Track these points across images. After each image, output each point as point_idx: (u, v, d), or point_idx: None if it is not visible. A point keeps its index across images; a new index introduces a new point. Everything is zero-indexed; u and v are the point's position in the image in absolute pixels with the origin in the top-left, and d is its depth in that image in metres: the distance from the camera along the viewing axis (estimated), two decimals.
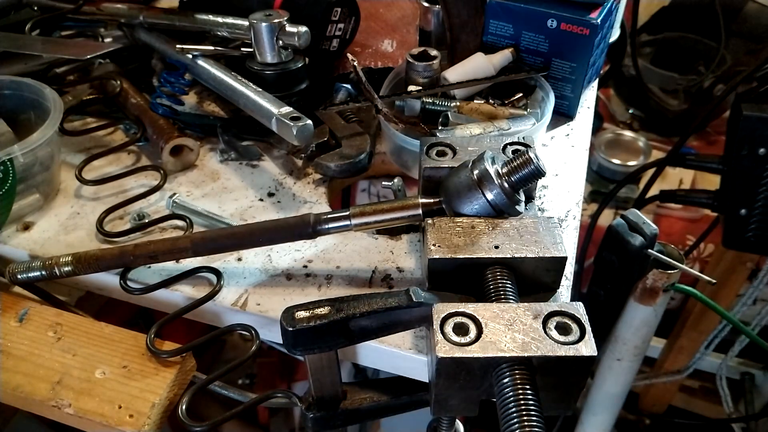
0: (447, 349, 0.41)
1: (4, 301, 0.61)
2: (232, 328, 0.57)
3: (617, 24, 1.07)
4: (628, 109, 1.74)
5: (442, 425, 0.60)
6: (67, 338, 0.57)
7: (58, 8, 0.94)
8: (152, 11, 0.88)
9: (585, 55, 0.76)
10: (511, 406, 0.38)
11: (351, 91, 0.82)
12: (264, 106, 0.69)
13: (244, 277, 0.62)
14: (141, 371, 0.55)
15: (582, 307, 0.44)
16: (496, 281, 0.49)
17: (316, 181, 0.75)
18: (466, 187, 0.53)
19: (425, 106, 0.75)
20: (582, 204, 0.71)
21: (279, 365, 1.45)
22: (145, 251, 0.58)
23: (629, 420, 1.60)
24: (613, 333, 0.96)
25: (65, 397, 0.53)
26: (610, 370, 1.00)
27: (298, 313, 0.45)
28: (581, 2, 0.75)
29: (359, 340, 0.47)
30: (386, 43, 0.93)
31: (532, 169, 0.51)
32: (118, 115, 0.83)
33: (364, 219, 0.56)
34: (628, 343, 0.92)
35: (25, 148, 0.64)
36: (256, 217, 0.70)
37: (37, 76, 0.78)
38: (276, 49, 0.75)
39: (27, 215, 0.69)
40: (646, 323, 0.90)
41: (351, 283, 0.61)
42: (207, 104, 0.88)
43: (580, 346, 0.41)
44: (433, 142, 0.59)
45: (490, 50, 0.79)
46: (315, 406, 0.53)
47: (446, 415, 0.58)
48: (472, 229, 0.52)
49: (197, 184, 0.74)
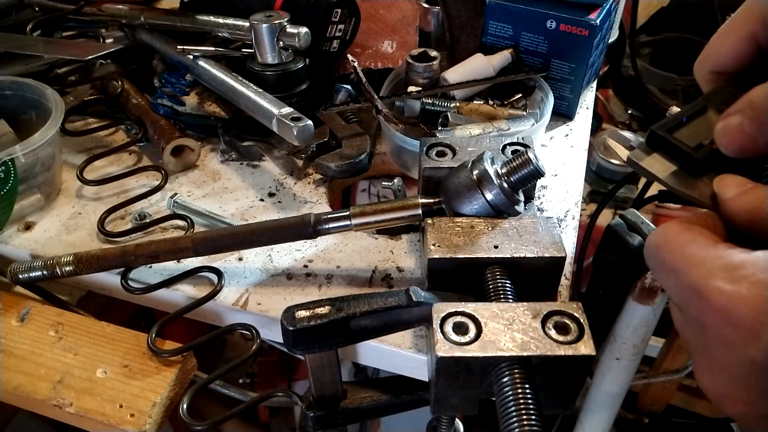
0: (446, 348, 0.41)
1: (6, 300, 0.61)
2: (232, 328, 0.58)
3: (616, 24, 1.07)
4: (627, 110, 1.74)
5: (442, 424, 0.60)
6: (68, 338, 0.58)
7: (60, 9, 0.94)
8: (153, 12, 0.89)
9: (584, 56, 0.76)
10: (511, 405, 0.39)
11: (351, 91, 0.82)
12: (264, 107, 0.69)
13: (244, 277, 0.62)
14: (142, 370, 0.55)
15: (581, 307, 0.44)
16: (495, 281, 0.49)
17: (316, 181, 0.75)
18: (466, 187, 0.53)
19: (425, 107, 0.75)
20: (581, 204, 0.71)
21: (279, 364, 1.45)
22: (147, 251, 0.59)
23: (628, 419, 1.60)
24: (612, 332, 0.96)
25: (66, 397, 0.53)
26: (609, 369, 1.00)
27: (299, 312, 0.45)
28: (580, 3, 0.75)
29: (359, 340, 0.48)
30: (386, 44, 0.94)
31: (532, 169, 0.52)
32: (120, 115, 0.83)
33: (364, 219, 0.57)
34: (626, 343, 0.92)
35: (27, 149, 0.64)
36: (256, 217, 0.70)
37: (38, 76, 0.78)
38: (276, 49, 0.75)
39: (28, 215, 0.69)
40: (645, 322, 0.90)
41: (351, 282, 0.62)
42: (208, 105, 0.88)
43: (579, 346, 0.41)
44: (433, 142, 0.60)
45: (490, 51, 0.79)
46: (315, 405, 0.53)
47: (446, 413, 0.58)
48: (472, 229, 0.52)
49: (198, 185, 0.75)
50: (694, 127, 0.42)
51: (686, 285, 0.32)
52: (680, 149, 0.42)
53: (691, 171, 0.42)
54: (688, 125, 0.43)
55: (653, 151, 0.43)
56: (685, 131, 0.42)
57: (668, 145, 0.42)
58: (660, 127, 0.43)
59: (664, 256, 0.34)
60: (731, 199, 0.35)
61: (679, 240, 0.34)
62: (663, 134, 0.42)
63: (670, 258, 0.34)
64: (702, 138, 0.42)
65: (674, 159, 0.42)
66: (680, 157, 0.42)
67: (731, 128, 0.36)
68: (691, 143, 0.42)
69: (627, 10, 1.20)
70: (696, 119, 0.43)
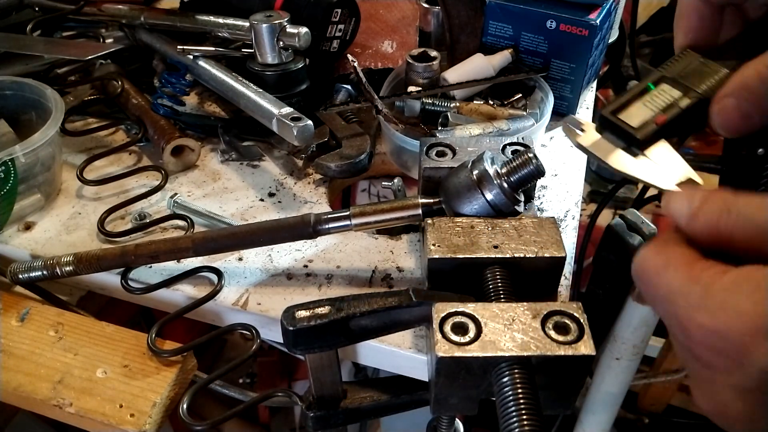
0: (446, 348, 0.41)
1: (6, 300, 0.61)
2: (232, 328, 0.58)
3: (616, 24, 1.07)
4: None
5: (442, 424, 0.60)
6: (68, 338, 0.58)
7: (60, 9, 0.94)
8: (153, 12, 0.89)
9: (584, 56, 0.76)
10: (511, 405, 0.39)
11: (351, 91, 0.82)
12: (264, 107, 0.69)
13: (244, 277, 0.62)
14: (142, 370, 0.55)
15: (581, 307, 0.44)
16: (495, 281, 0.49)
17: (316, 181, 0.75)
18: (466, 187, 0.53)
19: (425, 107, 0.75)
20: (581, 204, 0.71)
21: (279, 364, 1.45)
22: (147, 251, 0.59)
23: (628, 419, 1.60)
24: (612, 332, 0.96)
25: (66, 397, 0.53)
26: (609, 369, 1.00)
27: (299, 312, 0.45)
28: (580, 3, 0.75)
29: (359, 340, 0.48)
30: (386, 44, 0.94)
31: (532, 169, 0.52)
32: (120, 115, 0.83)
33: (364, 219, 0.57)
34: (626, 343, 0.92)
35: (27, 149, 0.64)
36: (256, 217, 0.70)
37: (38, 76, 0.78)
38: (276, 49, 0.75)
39: (28, 215, 0.69)
40: (645, 322, 0.90)
41: (351, 282, 0.62)
42: (208, 105, 0.88)
43: (579, 346, 0.41)
44: (433, 142, 0.60)
45: (490, 51, 0.79)
46: (315, 405, 0.53)
47: (446, 413, 0.58)
48: (472, 229, 0.52)
49: (198, 185, 0.75)
50: (646, 101, 0.42)
51: (668, 315, 0.32)
52: (623, 129, 0.41)
53: (634, 151, 0.41)
54: (640, 101, 0.42)
55: (602, 133, 0.43)
56: (633, 109, 0.42)
57: (614, 126, 0.42)
58: (608, 107, 0.42)
59: (643, 286, 0.34)
60: (686, 225, 0.34)
61: (654, 266, 0.33)
62: (608, 116, 0.42)
63: (650, 288, 0.33)
64: (651, 114, 0.41)
65: (620, 139, 0.42)
66: (624, 137, 0.41)
67: (728, 111, 0.36)
68: (636, 121, 0.41)
69: (627, 10, 1.20)
70: (650, 92, 0.42)
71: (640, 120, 0.41)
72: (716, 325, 0.29)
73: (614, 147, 0.42)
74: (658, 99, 0.42)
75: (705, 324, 0.29)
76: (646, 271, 0.34)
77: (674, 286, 0.32)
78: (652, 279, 0.33)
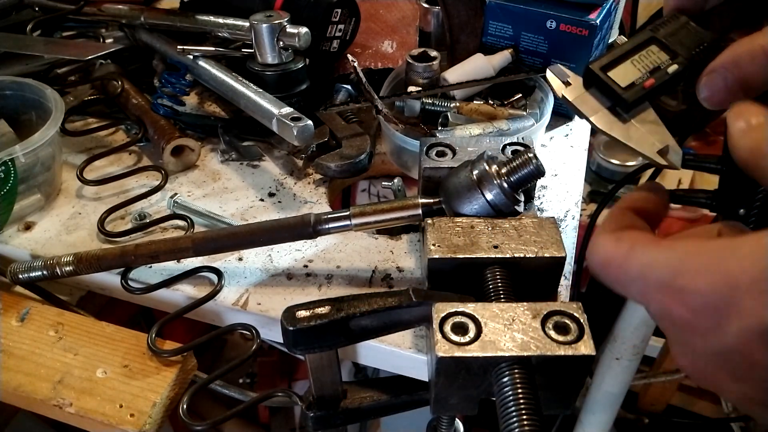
0: (446, 348, 0.41)
1: (6, 300, 0.61)
2: (232, 328, 0.58)
3: (616, 24, 1.07)
4: None
5: (442, 424, 0.60)
6: (68, 338, 0.58)
7: (60, 9, 0.94)
8: (153, 12, 0.89)
9: (584, 56, 0.76)
10: (511, 405, 0.39)
11: (351, 91, 0.82)
12: (264, 107, 0.69)
13: (244, 277, 0.62)
14: (142, 370, 0.55)
15: (581, 307, 0.44)
16: (495, 281, 0.49)
17: (316, 181, 0.75)
18: (466, 187, 0.53)
19: (425, 107, 0.75)
20: (581, 204, 0.71)
21: (279, 364, 1.45)
22: (147, 251, 0.59)
23: (628, 419, 1.60)
24: (612, 332, 0.96)
25: (66, 397, 0.53)
26: (609, 369, 1.00)
27: (299, 312, 0.45)
28: (580, 3, 0.75)
29: (359, 340, 0.48)
30: (386, 44, 0.94)
31: (532, 169, 0.52)
32: (120, 115, 0.83)
33: (364, 219, 0.57)
34: (626, 343, 0.92)
35: (27, 149, 0.64)
36: (256, 217, 0.70)
37: (38, 76, 0.78)
38: (276, 49, 0.75)
39: (28, 215, 0.69)
40: (645, 322, 0.90)
41: (351, 282, 0.62)
42: (208, 105, 0.88)
43: (579, 346, 0.41)
44: (433, 142, 0.60)
45: (490, 51, 0.79)
46: (315, 405, 0.53)
47: (446, 413, 0.58)
48: (472, 229, 0.52)
49: (198, 185, 0.75)
50: (634, 62, 0.41)
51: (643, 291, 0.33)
52: (611, 88, 0.41)
53: (619, 112, 0.41)
54: (628, 61, 0.41)
55: (588, 89, 0.42)
56: (622, 68, 0.41)
57: (601, 83, 0.41)
58: (597, 62, 0.42)
59: (611, 275, 0.34)
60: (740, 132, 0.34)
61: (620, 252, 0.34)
62: (597, 72, 0.41)
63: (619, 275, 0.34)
64: (638, 75, 0.41)
65: (606, 98, 0.41)
66: (611, 96, 0.41)
67: (715, 84, 0.36)
68: (624, 81, 0.41)
69: (627, 10, 1.20)
70: (638, 53, 0.41)
71: (629, 80, 0.41)
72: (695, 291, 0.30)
73: (600, 105, 0.42)
74: (646, 60, 0.41)
75: (687, 286, 0.30)
76: (612, 260, 0.34)
77: (646, 261, 0.32)
78: (621, 265, 0.34)
